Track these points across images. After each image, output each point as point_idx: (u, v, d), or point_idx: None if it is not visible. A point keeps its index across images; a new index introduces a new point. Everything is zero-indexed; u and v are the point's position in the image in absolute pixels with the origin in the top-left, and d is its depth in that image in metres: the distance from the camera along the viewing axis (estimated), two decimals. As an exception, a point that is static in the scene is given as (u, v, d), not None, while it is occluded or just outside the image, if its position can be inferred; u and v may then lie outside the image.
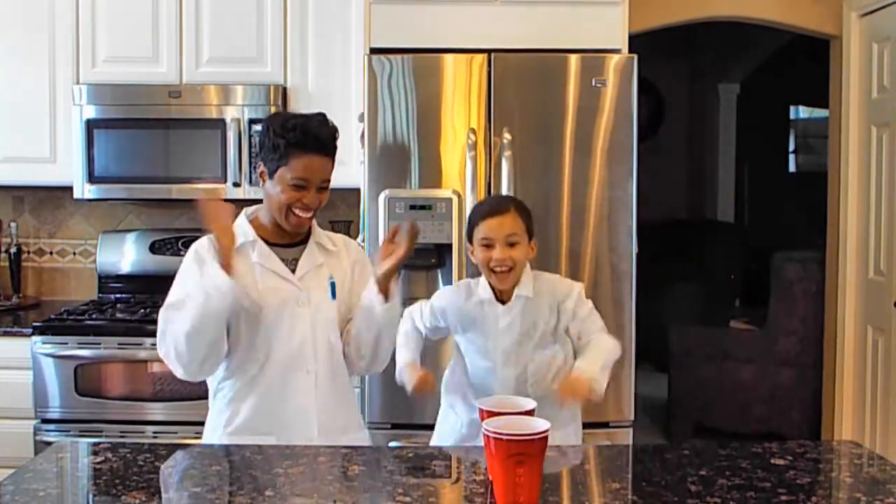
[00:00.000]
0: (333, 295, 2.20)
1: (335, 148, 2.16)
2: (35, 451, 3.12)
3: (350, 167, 3.44)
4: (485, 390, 2.26)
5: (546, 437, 1.55)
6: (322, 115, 2.18)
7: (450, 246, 3.06)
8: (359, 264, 2.29)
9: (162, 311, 2.07)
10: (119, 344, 3.22)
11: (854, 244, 4.04)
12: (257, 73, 3.50)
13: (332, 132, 2.16)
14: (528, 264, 2.31)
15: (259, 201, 2.22)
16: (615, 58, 3.09)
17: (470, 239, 2.32)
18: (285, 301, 2.13)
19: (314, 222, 2.23)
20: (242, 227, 2.18)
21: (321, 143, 2.13)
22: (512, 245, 2.24)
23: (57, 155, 3.55)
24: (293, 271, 2.18)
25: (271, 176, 2.14)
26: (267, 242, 2.18)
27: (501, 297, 2.30)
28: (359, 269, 2.28)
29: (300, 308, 2.14)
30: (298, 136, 2.10)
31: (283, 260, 2.18)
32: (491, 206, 2.32)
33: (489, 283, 2.29)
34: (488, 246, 2.25)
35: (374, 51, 3.16)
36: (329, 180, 2.17)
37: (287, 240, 2.21)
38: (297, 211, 2.13)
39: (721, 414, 4.91)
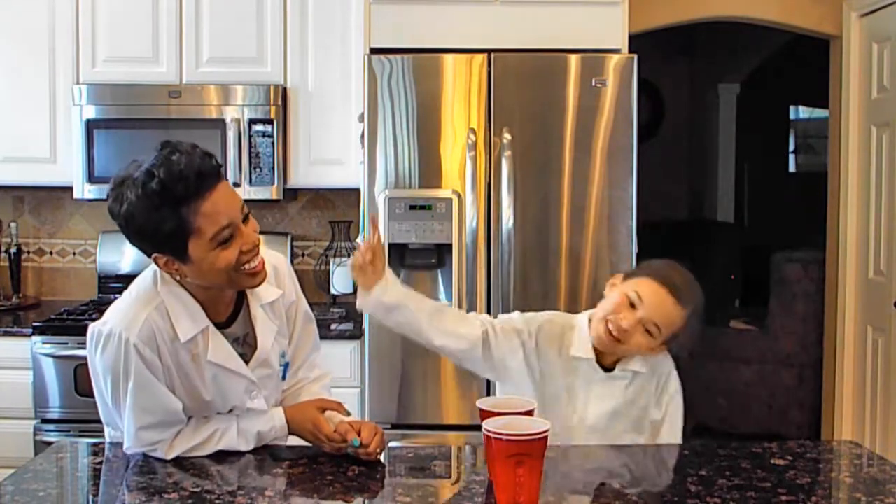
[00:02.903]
0: (284, 376, 1.96)
1: (220, 164, 1.68)
2: (35, 451, 3.12)
3: (350, 167, 3.45)
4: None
5: (546, 437, 1.55)
6: (171, 144, 1.64)
7: (449, 246, 3.06)
8: (294, 309, 1.96)
9: (145, 432, 1.76)
10: (119, 344, 3.22)
11: (854, 244, 4.04)
12: (257, 73, 3.50)
13: (204, 152, 1.65)
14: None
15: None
16: (615, 58, 3.09)
17: (626, 276, 1.97)
18: (237, 400, 1.84)
19: None
20: (187, 306, 1.74)
21: (206, 174, 1.61)
22: (648, 332, 1.89)
23: (57, 155, 3.55)
24: (244, 357, 1.83)
25: (184, 258, 1.65)
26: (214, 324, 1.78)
27: (602, 362, 1.98)
28: (300, 319, 1.98)
29: (252, 401, 1.86)
30: (180, 189, 1.58)
31: (233, 341, 1.81)
32: (678, 283, 1.92)
33: (590, 339, 1.96)
34: (631, 305, 1.89)
35: (374, 51, 3.16)
36: (243, 202, 1.71)
37: (225, 311, 1.81)
38: (246, 266, 1.70)
39: (721, 414, 4.92)
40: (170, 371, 1.77)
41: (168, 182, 1.58)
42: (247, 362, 1.84)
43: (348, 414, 1.93)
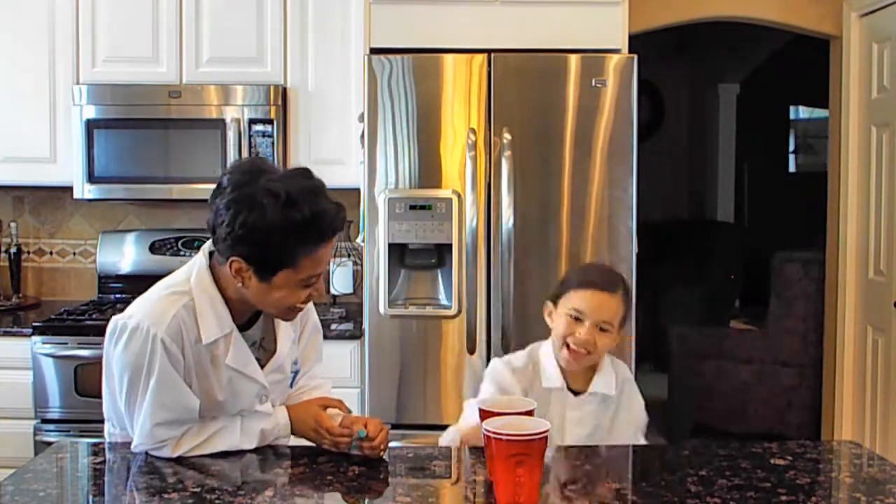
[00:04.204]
0: (292, 383, 1.99)
1: (345, 223, 1.77)
2: (35, 451, 3.12)
3: (350, 167, 3.44)
4: None
5: (546, 437, 1.55)
6: (312, 179, 1.73)
7: (449, 246, 3.06)
8: (306, 318, 2.00)
9: (160, 429, 1.77)
10: (119, 344, 3.22)
11: (854, 244, 4.04)
12: (257, 73, 3.50)
13: (341, 206, 1.74)
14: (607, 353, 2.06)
15: None
16: (615, 58, 3.09)
17: (555, 299, 2.02)
18: (247, 403, 1.87)
19: None
20: (216, 307, 1.76)
21: (337, 230, 1.72)
22: (603, 331, 1.96)
23: (57, 155, 3.55)
24: (260, 361, 1.86)
25: (264, 278, 1.70)
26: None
27: (572, 386, 2.02)
28: (310, 329, 2.02)
29: (261, 405, 1.88)
30: (314, 233, 1.67)
31: (251, 346, 1.85)
32: (599, 279, 2.00)
33: (557, 364, 2.01)
34: (577, 319, 1.95)
35: (374, 51, 3.16)
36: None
37: (248, 315, 1.85)
38: (299, 305, 1.79)
39: (721, 414, 4.91)
40: (189, 370, 1.78)
41: (310, 222, 1.65)
42: (262, 366, 1.86)
43: (349, 412, 1.94)
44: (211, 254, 1.81)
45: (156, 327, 1.72)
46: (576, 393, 2.02)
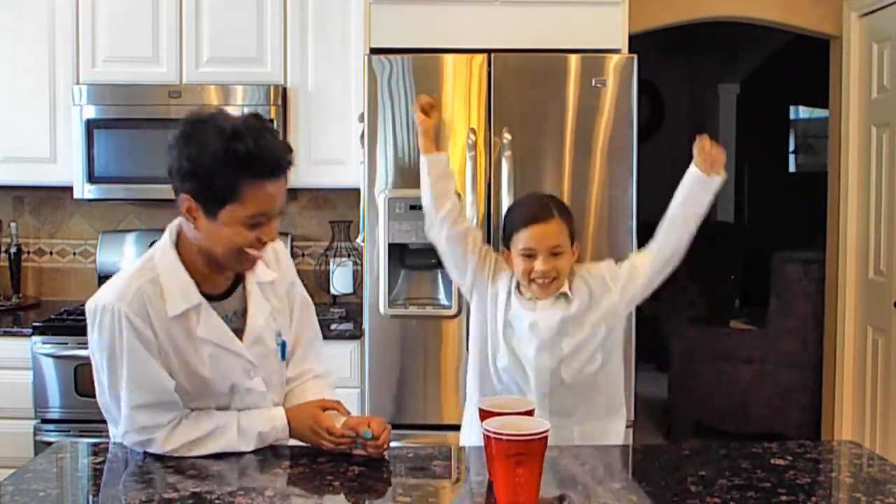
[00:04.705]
0: (283, 356, 1.96)
1: (292, 162, 1.76)
2: (35, 451, 3.13)
3: (350, 167, 3.45)
4: (514, 380, 2.15)
5: (546, 437, 1.55)
6: (259, 118, 1.74)
7: (450, 246, 3.06)
8: (294, 291, 2.00)
9: (140, 413, 1.78)
10: (119, 344, 3.22)
11: (854, 244, 4.04)
12: (257, 73, 3.50)
13: (287, 145, 1.76)
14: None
15: None
16: (615, 58, 3.09)
17: (507, 244, 2.15)
18: (236, 378, 1.85)
19: None
20: (180, 280, 1.77)
21: (282, 164, 1.72)
22: (556, 255, 2.08)
23: (57, 155, 3.55)
24: (239, 332, 1.85)
25: (212, 215, 1.71)
26: (204, 296, 1.81)
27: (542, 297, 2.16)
28: (298, 301, 2.01)
29: (251, 381, 1.87)
30: (257, 164, 1.67)
31: (224, 318, 1.83)
32: (532, 212, 2.12)
33: (522, 296, 2.15)
34: (530, 256, 2.09)
35: (374, 51, 3.16)
36: (285, 202, 1.79)
37: (223, 284, 1.85)
38: (252, 251, 1.76)
39: (721, 414, 4.91)
40: (165, 350, 1.78)
41: (252, 152, 1.66)
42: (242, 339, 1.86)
43: (348, 413, 1.93)
44: (178, 234, 1.83)
45: (119, 303, 1.74)
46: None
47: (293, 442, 1.95)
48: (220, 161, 1.66)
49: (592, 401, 2.17)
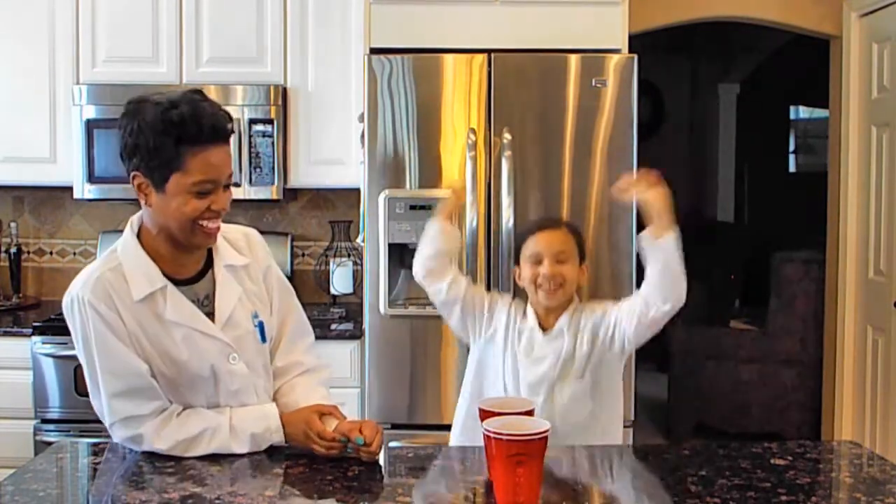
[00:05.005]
0: (263, 338, 1.92)
1: (233, 131, 1.81)
2: (35, 451, 3.13)
3: (350, 167, 3.45)
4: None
5: (546, 438, 1.55)
6: (200, 93, 1.76)
7: (450, 246, 3.06)
8: (271, 275, 1.98)
9: (118, 402, 1.78)
10: (119, 344, 3.22)
11: (854, 244, 4.04)
12: (257, 73, 3.50)
13: (225, 112, 1.79)
14: (576, 297, 2.20)
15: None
16: (615, 58, 3.09)
17: (517, 259, 2.21)
18: (214, 360, 1.83)
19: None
20: (141, 265, 1.79)
21: (220, 129, 1.75)
22: (562, 262, 2.13)
23: (57, 155, 3.55)
24: (212, 315, 1.84)
25: (160, 187, 1.73)
26: (172, 281, 1.81)
27: (544, 324, 2.18)
28: (276, 286, 1.98)
29: (232, 364, 1.86)
30: (193, 129, 1.70)
31: (194, 301, 1.83)
32: (541, 222, 2.28)
33: (534, 310, 2.18)
34: (537, 262, 2.14)
35: (374, 51, 3.16)
36: (232, 174, 1.81)
37: (192, 268, 1.85)
38: (206, 223, 1.77)
39: (721, 414, 4.91)
40: (136, 336, 1.79)
41: (187, 118, 1.69)
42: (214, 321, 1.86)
43: (344, 418, 1.92)
44: (140, 226, 1.85)
45: (83, 291, 1.80)
46: (545, 330, 2.17)
47: (293, 441, 1.95)
48: (160, 132, 1.69)
49: (589, 430, 2.15)
